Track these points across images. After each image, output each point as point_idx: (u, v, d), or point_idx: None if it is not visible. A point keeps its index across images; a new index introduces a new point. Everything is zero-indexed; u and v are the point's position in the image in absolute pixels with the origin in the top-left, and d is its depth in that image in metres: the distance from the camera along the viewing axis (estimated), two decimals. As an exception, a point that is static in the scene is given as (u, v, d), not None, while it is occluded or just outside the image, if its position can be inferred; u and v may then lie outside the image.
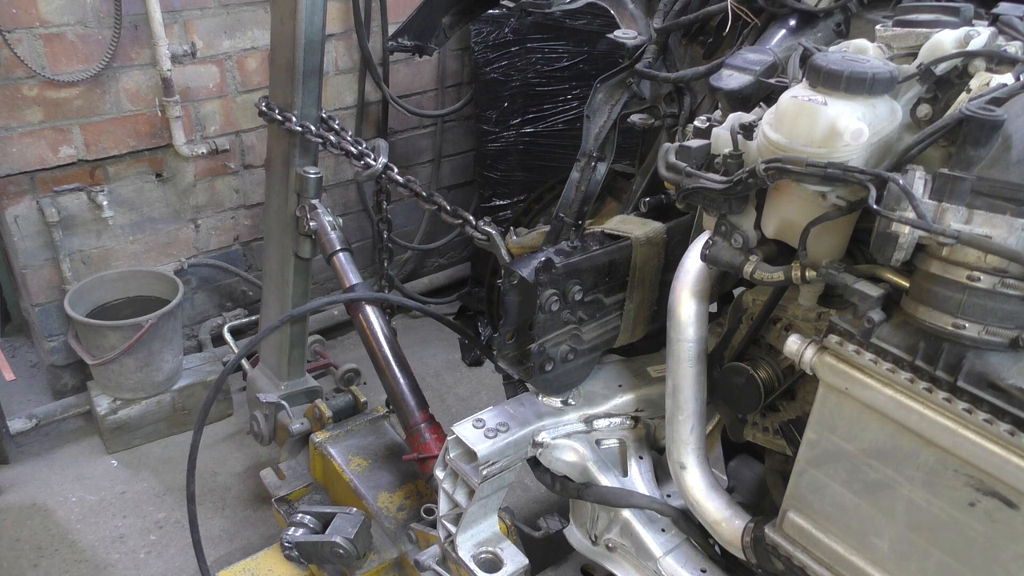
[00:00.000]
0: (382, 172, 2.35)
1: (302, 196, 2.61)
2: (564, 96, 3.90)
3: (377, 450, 2.50)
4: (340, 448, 2.50)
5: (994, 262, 1.02)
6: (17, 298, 3.55)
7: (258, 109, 2.62)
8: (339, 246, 2.52)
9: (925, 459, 1.13)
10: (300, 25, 2.40)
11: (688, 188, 1.36)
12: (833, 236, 1.26)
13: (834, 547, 1.29)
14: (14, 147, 3.01)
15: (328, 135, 2.50)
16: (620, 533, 1.73)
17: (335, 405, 2.63)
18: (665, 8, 1.83)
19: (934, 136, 1.10)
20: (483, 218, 2.10)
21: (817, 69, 1.17)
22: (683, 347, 1.51)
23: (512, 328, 1.67)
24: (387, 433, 2.59)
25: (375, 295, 2.48)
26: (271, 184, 2.76)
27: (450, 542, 1.78)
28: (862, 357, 1.17)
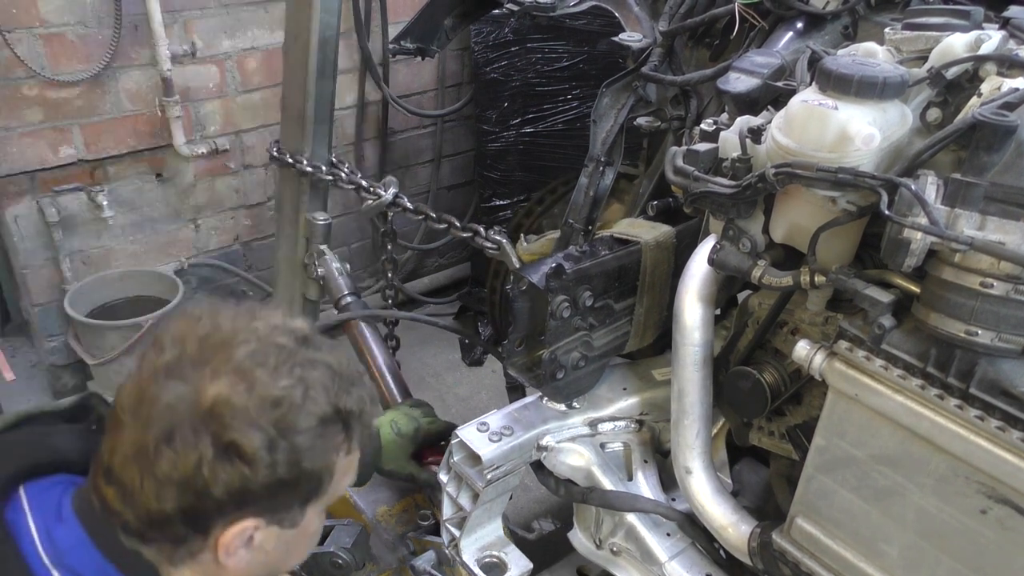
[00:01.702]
0: (391, 202, 2.39)
1: (311, 241, 2.67)
2: (564, 96, 3.89)
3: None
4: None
5: (1007, 268, 1.02)
6: (17, 298, 3.53)
7: (269, 154, 2.67)
8: (346, 291, 2.58)
9: (936, 466, 1.12)
10: (311, 76, 2.45)
11: (696, 192, 1.35)
12: (842, 241, 1.26)
13: (843, 553, 1.29)
14: (14, 147, 2.99)
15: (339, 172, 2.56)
16: (625, 537, 1.72)
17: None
18: (671, 10, 1.83)
19: (945, 141, 1.10)
20: (492, 228, 2.09)
21: (827, 73, 1.17)
22: (689, 351, 1.50)
23: (521, 335, 1.66)
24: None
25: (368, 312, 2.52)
26: (281, 227, 2.83)
27: (454, 546, 1.77)
28: (872, 363, 1.16)
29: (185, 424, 1.00)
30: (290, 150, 2.60)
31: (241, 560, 1.10)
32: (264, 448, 1.01)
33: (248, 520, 1.06)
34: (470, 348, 4.04)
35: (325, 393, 1.07)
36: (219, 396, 1.01)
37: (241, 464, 1.00)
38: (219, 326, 1.08)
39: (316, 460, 1.07)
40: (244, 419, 1.00)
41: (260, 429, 1.01)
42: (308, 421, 1.05)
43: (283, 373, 1.04)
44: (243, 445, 1.00)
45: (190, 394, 1.01)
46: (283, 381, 1.04)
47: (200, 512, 1.03)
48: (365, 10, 3.65)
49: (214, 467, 1.00)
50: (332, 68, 2.49)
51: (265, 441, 1.01)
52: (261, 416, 1.01)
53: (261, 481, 1.02)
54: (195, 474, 0.99)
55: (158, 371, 1.03)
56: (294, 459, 1.04)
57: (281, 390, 1.03)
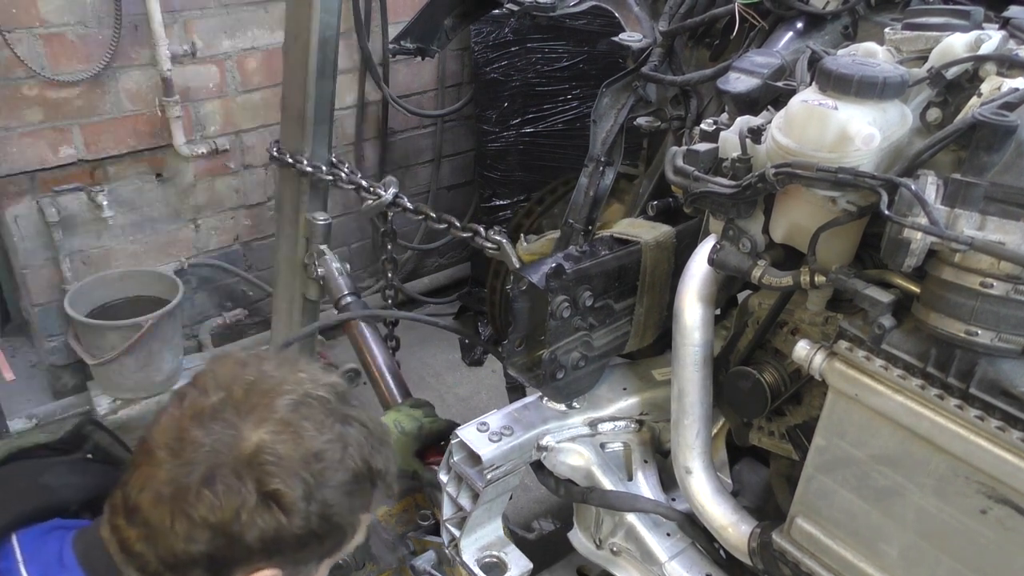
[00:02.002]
0: (391, 202, 2.39)
1: (311, 241, 2.68)
2: (564, 96, 3.89)
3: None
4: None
5: (1008, 268, 1.01)
6: (17, 298, 3.53)
7: (269, 154, 2.68)
8: (346, 291, 2.59)
9: (936, 466, 1.12)
10: (311, 76, 2.46)
11: (696, 192, 1.35)
12: (842, 241, 1.25)
13: (843, 553, 1.29)
14: (14, 147, 2.99)
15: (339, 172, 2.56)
16: (625, 537, 1.72)
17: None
18: (671, 11, 1.83)
19: (945, 141, 1.10)
20: (492, 228, 2.09)
21: (827, 73, 1.16)
22: (689, 351, 1.50)
23: (521, 335, 1.66)
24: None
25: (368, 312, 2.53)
26: (281, 227, 2.84)
27: (454, 546, 1.77)
28: (872, 363, 1.16)
29: (227, 468, 1.01)
30: (290, 150, 2.61)
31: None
32: (302, 499, 1.03)
33: (268, 570, 1.07)
34: (470, 348, 4.04)
35: (360, 451, 1.10)
36: (263, 444, 1.02)
37: (279, 513, 1.02)
38: (265, 373, 1.09)
39: (345, 516, 1.10)
40: (287, 469, 1.02)
41: (301, 480, 1.03)
42: (344, 476, 1.07)
43: (326, 427, 1.07)
44: (284, 495, 1.02)
45: (234, 439, 1.02)
46: (326, 435, 1.06)
47: (228, 558, 1.04)
48: (365, 10, 3.65)
49: (253, 514, 1.01)
50: (332, 68, 2.49)
51: (304, 492, 1.03)
52: (303, 468, 1.03)
53: (294, 532, 1.04)
54: (233, 519, 1.01)
55: (202, 413, 1.04)
56: (327, 513, 1.06)
57: (324, 444, 1.05)
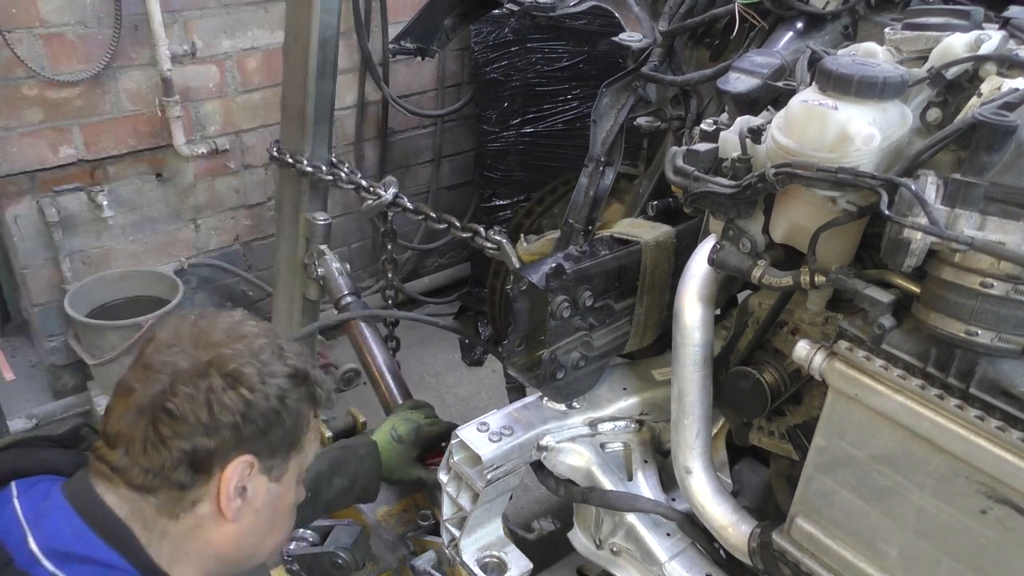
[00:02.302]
0: (391, 202, 2.40)
1: (311, 241, 2.68)
2: (564, 96, 3.89)
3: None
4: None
5: (1008, 268, 1.01)
6: (17, 298, 3.54)
7: (269, 154, 2.69)
8: (346, 291, 2.59)
9: (936, 466, 1.12)
10: (311, 76, 2.46)
11: (696, 192, 1.35)
12: (842, 241, 1.25)
13: (843, 553, 1.29)
14: (14, 147, 3.00)
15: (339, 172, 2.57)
16: (625, 537, 1.72)
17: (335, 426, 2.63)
18: (671, 11, 1.82)
19: (945, 141, 1.09)
20: (492, 228, 2.10)
21: (827, 73, 1.16)
22: (689, 351, 1.50)
23: (521, 335, 1.66)
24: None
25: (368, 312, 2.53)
26: (281, 227, 2.85)
27: (454, 546, 1.77)
28: (872, 363, 1.16)
29: (192, 372, 1.16)
30: (290, 150, 2.61)
31: (238, 512, 1.21)
32: (258, 379, 1.19)
33: (245, 457, 1.19)
34: (470, 348, 4.04)
35: (295, 357, 1.27)
36: (216, 352, 1.19)
37: (244, 390, 1.17)
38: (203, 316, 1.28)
39: (295, 402, 1.24)
40: (240, 357, 1.19)
41: (253, 365, 1.19)
42: (284, 369, 1.24)
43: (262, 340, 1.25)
44: (244, 373, 1.18)
45: (192, 350, 1.19)
46: (262, 340, 1.24)
47: (207, 450, 1.16)
48: (365, 10, 3.66)
49: (221, 395, 1.15)
50: (332, 68, 2.49)
51: (258, 373, 1.19)
52: (252, 358, 1.20)
53: (259, 410, 1.19)
54: (205, 405, 1.14)
55: (159, 345, 1.21)
56: (280, 396, 1.21)
57: (260, 347, 1.23)
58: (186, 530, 1.20)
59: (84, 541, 1.12)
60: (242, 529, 1.24)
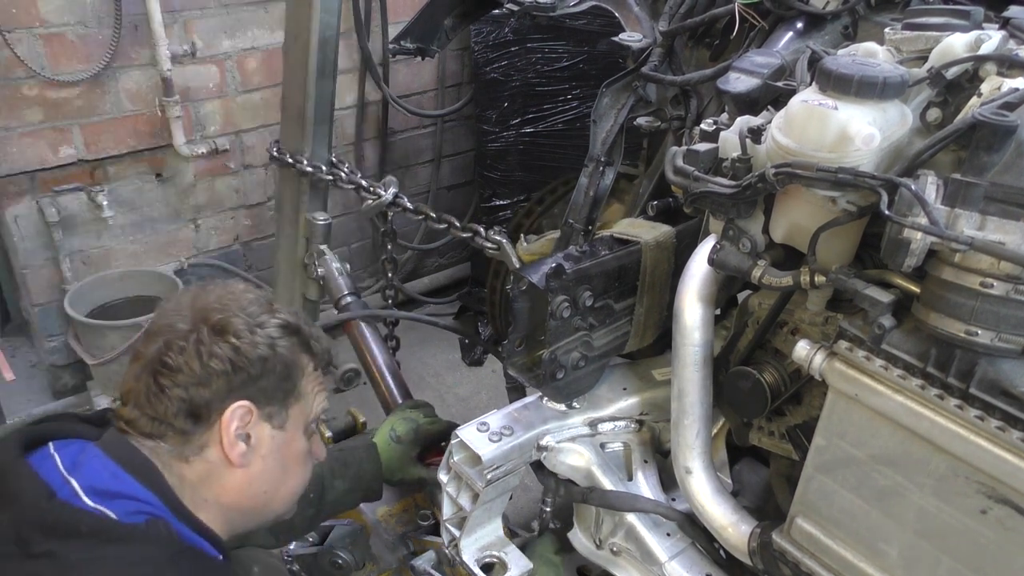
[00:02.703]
0: (391, 202, 2.40)
1: (311, 241, 2.69)
2: (564, 96, 3.89)
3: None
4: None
5: (1007, 268, 1.01)
6: (17, 298, 3.54)
7: (269, 154, 2.69)
8: (346, 291, 2.60)
9: (936, 466, 1.12)
10: (311, 76, 2.47)
11: (696, 192, 1.35)
12: (842, 241, 1.25)
13: (843, 553, 1.29)
14: (14, 147, 3.00)
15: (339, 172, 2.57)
16: (625, 537, 1.72)
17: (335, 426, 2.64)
18: (671, 10, 1.82)
19: (945, 141, 1.09)
20: (492, 228, 2.10)
21: (827, 73, 1.16)
22: (689, 351, 1.50)
23: (521, 335, 1.66)
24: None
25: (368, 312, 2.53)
26: (281, 227, 2.85)
27: (454, 546, 1.77)
28: (872, 363, 1.16)
29: (184, 328, 1.27)
30: (290, 150, 2.61)
31: (244, 456, 1.29)
32: (246, 329, 1.28)
33: (242, 401, 1.27)
34: (470, 348, 4.04)
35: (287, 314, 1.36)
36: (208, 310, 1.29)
37: (232, 337, 1.26)
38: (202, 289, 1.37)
39: (286, 351, 1.32)
40: (226, 311, 1.29)
41: (240, 317, 1.29)
42: (276, 321, 1.33)
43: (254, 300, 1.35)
44: (231, 322, 1.27)
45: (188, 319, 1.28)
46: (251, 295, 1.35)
47: (202, 398, 1.25)
48: (365, 10, 3.66)
49: (211, 345, 1.24)
50: (332, 68, 2.50)
51: (247, 324, 1.28)
52: (239, 312, 1.30)
53: (248, 357, 1.27)
54: (196, 355, 1.24)
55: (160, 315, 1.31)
56: (270, 343, 1.29)
57: (248, 302, 1.33)
58: (200, 475, 1.28)
59: (120, 480, 1.21)
60: (252, 475, 1.32)
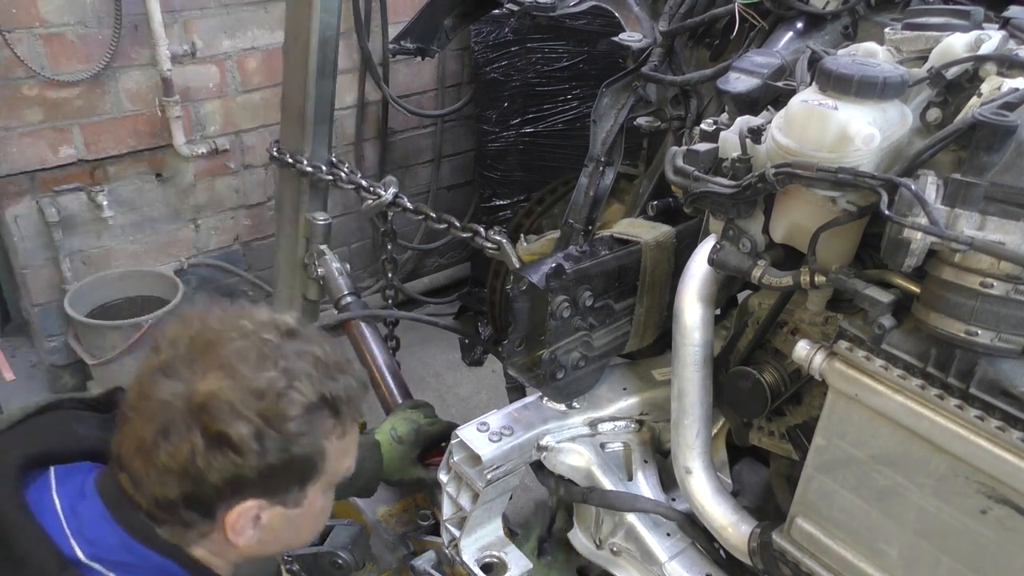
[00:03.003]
0: (391, 202, 2.40)
1: (311, 241, 2.68)
2: (564, 96, 3.89)
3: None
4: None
5: (1007, 268, 1.01)
6: (17, 298, 3.53)
7: (269, 154, 2.68)
8: (346, 291, 2.59)
9: (936, 466, 1.12)
10: (311, 76, 2.46)
11: (696, 192, 1.35)
12: (842, 241, 1.25)
13: (843, 553, 1.29)
14: (14, 147, 2.99)
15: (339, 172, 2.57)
16: (625, 537, 1.72)
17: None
18: (671, 11, 1.82)
19: (945, 141, 1.10)
20: (492, 228, 2.10)
21: (827, 73, 1.16)
22: (689, 351, 1.50)
23: (521, 335, 1.66)
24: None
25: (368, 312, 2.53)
26: (281, 227, 2.84)
27: (454, 546, 1.77)
28: (872, 363, 1.16)
29: (179, 419, 1.08)
30: (290, 150, 2.61)
31: (251, 539, 1.18)
32: (252, 437, 1.08)
33: (249, 502, 1.14)
34: (470, 348, 4.04)
35: (310, 382, 1.14)
36: (208, 391, 1.08)
37: (232, 453, 1.08)
38: (208, 326, 1.16)
39: (306, 445, 1.14)
40: (231, 411, 1.08)
41: (247, 420, 1.08)
42: (294, 410, 1.12)
43: (267, 366, 1.12)
44: (231, 435, 1.08)
45: (183, 390, 1.09)
46: (267, 373, 1.11)
47: (201, 498, 1.11)
48: (365, 10, 3.65)
49: (207, 457, 1.08)
50: (332, 68, 2.49)
51: (252, 431, 1.08)
52: (247, 407, 1.09)
53: (252, 467, 1.10)
54: (190, 464, 1.08)
55: (155, 370, 1.12)
56: (283, 446, 1.11)
57: (264, 382, 1.10)
58: (204, 553, 1.19)
59: (132, 552, 1.13)
60: (264, 544, 1.22)
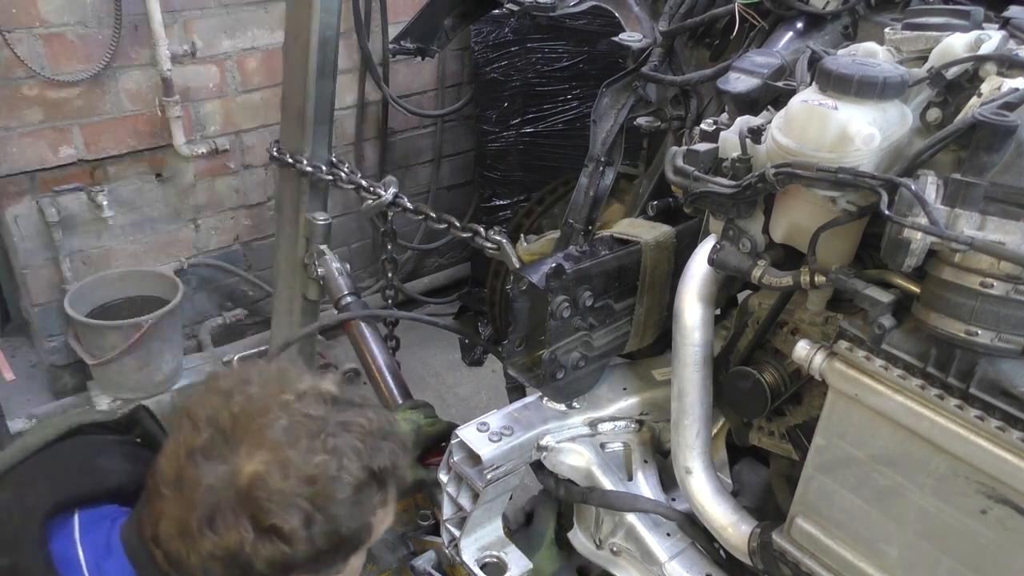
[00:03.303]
0: (391, 202, 2.40)
1: (311, 241, 2.68)
2: (564, 96, 3.89)
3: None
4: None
5: (1007, 268, 1.01)
6: (17, 298, 3.53)
7: (269, 154, 2.68)
8: (346, 291, 2.59)
9: (936, 466, 1.12)
10: (311, 76, 2.46)
11: (696, 192, 1.35)
12: (842, 241, 1.25)
13: (843, 553, 1.29)
14: (14, 147, 2.99)
15: (339, 172, 2.57)
16: (625, 537, 1.72)
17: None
18: (671, 11, 1.82)
19: (945, 141, 1.10)
20: (492, 228, 2.10)
21: (827, 73, 1.16)
22: (689, 351, 1.50)
23: (521, 335, 1.66)
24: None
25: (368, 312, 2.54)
26: (281, 227, 2.85)
27: (454, 546, 1.77)
28: (872, 363, 1.16)
29: (225, 507, 1.05)
30: (290, 150, 2.61)
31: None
32: (302, 526, 1.06)
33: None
34: (470, 348, 4.04)
35: (358, 458, 1.11)
36: (255, 477, 1.05)
37: (280, 543, 1.05)
38: (251, 399, 1.11)
39: (354, 524, 1.12)
40: (281, 501, 1.05)
41: (297, 508, 1.05)
42: (344, 492, 1.09)
43: (316, 448, 1.08)
44: (282, 527, 1.05)
45: (227, 475, 1.05)
46: (317, 457, 1.07)
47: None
48: (365, 10, 3.65)
49: (255, 547, 1.04)
50: (332, 68, 2.50)
51: (303, 519, 1.05)
52: (298, 496, 1.05)
53: (302, 555, 1.07)
54: (238, 552, 1.04)
55: (194, 451, 1.08)
56: (332, 530, 1.09)
57: (315, 467, 1.07)
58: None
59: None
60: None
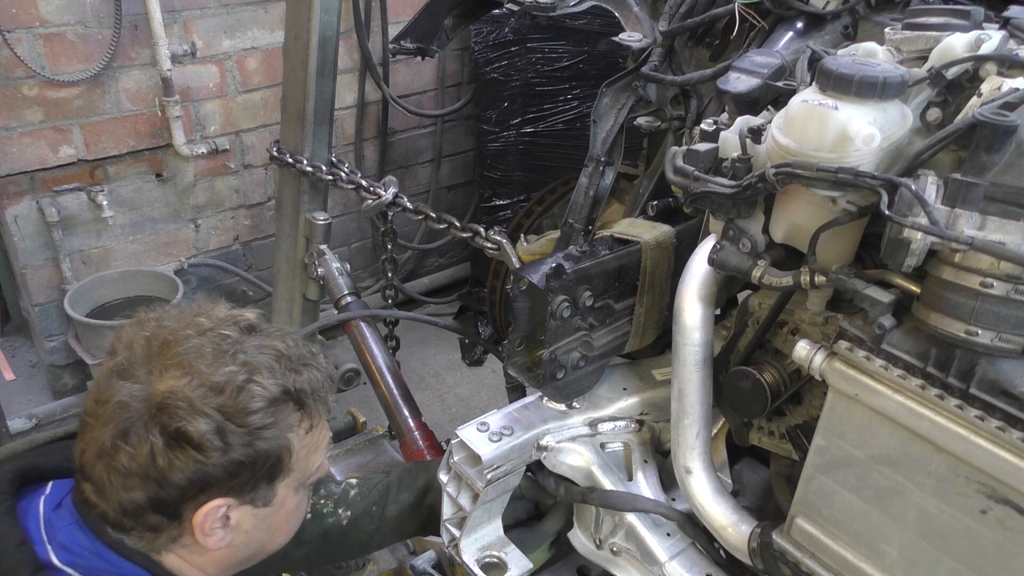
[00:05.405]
0: (391, 202, 2.41)
1: (311, 241, 2.70)
2: (564, 96, 3.89)
3: (376, 467, 2.54)
4: (340, 467, 2.54)
5: (1008, 268, 1.01)
6: (17, 298, 3.54)
7: (269, 154, 2.70)
8: (346, 291, 2.61)
9: (936, 466, 1.12)
10: (311, 76, 2.48)
11: (696, 192, 1.35)
12: (842, 241, 1.25)
13: (843, 553, 1.29)
14: (14, 147, 3.00)
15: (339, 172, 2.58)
16: (625, 537, 1.72)
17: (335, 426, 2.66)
18: (671, 10, 1.82)
19: (946, 141, 1.09)
20: (492, 228, 2.10)
21: (827, 73, 1.16)
22: (689, 351, 1.50)
23: (521, 335, 1.66)
24: (386, 451, 2.63)
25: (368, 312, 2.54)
26: (281, 226, 2.86)
27: (454, 546, 1.77)
28: (872, 363, 1.16)
29: (137, 420, 1.08)
30: (290, 150, 2.61)
31: (222, 540, 1.17)
32: (212, 433, 1.07)
33: (216, 501, 1.12)
34: (470, 348, 4.04)
35: (272, 375, 1.13)
36: (166, 390, 1.08)
37: (192, 451, 1.07)
38: (164, 326, 1.14)
39: (271, 440, 1.13)
40: (189, 408, 1.07)
41: (206, 416, 1.07)
42: (256, 403, 1.11)
43: (226, 361, 1.10)
44: (190, 432, 1.07)
45: (140, 391, 1.08)
46: (225, 368, 1.10)
47: (166, 499, 1.10)
48: (365, 10, 3.66)
49: (168, 456, 1.07)
50: (332, 68, 2.50)
51: (213, 427, 1.07)
52: (206, 403, 1.07)
53: (216, 464, 1.09)
54: (151, 464, 1.07)
55: (111, 373, 1.11)
56: (246, 440, 1.10)
57: (223, 376, 1.09)
58: (175, 560, 1.17)
59: (104, 559, 1.12)
60: (236, 547, 1.20)
